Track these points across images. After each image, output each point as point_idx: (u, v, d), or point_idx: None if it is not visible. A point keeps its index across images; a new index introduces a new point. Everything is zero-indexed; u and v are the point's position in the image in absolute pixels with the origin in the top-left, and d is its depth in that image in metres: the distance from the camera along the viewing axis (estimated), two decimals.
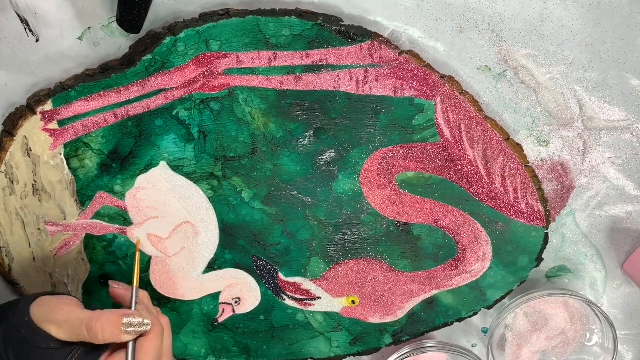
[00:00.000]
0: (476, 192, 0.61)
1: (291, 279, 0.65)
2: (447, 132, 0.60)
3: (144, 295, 0.54)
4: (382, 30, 0.58)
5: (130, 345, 0.50)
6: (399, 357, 0.66)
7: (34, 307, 0.50)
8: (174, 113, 0.59)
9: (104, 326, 0.48)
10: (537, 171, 0.62)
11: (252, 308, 0.66)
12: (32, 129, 0.59)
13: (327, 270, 0.64)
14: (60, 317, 0.49)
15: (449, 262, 0.64)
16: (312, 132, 0.60)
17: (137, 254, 0.55)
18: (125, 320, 0.49)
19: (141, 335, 0.50)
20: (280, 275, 0.65)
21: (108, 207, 0.62)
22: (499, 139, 0.60)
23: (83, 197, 0.61)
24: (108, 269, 0.64)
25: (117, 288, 0.53)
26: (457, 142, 0.60)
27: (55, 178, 0.60)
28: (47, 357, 0.49)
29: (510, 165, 0.60)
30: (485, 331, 0.70)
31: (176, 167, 0.61)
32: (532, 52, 0.59)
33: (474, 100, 0.59)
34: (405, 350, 0.66)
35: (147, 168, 0.61)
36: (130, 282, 0.54)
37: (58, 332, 0.49)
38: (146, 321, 0.49)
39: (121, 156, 0.60)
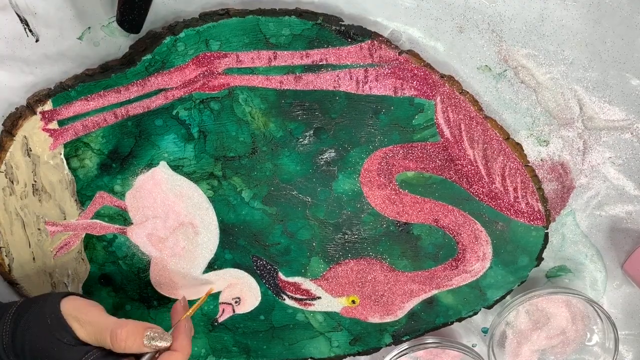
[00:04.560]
0: (476, 191, 0.61)
1: (291, 279, 0.65)
2: (447, 132, 0.60)
3: (190, 327, 0.56)
4: (382, 30, 0.58)
5: (147, 357, 0.51)
6: (398, 352, 0.66)
7: (64, 301, 0.53)
8: (174, 113, 0.59)
9: (128, 335, 0.50)
10: (537, 171, 0.62)
11: (252, 308, 0.66)
12: (32, 128, 0.59)
13: (327, 270, 0.64)
14: (86, 318, 0.52)
15: (449, 261, 0.64)
16: (312, 132, 0.60)
17: (204, 297, 0.59)
18: (148, 332, 0.51)
19: (163, 351, 0.52)
20: (280, 275, 0.65)
21: (108, 207, 0.62)
22: (499, 138, 0.60)
23: (83, 197, 0.61)
24: (108, 268, 0.64)
25: (181, 305, 0.56)
26: (457, 141, 0.60)
27: (55, 178, 0.60)
28: (62, 351, 0.51)
29: (510, 165, 0.60)
30: (485, 331, 0.70)
31: (176, 167, 0.61)
32: (532, 52, 0.59)
33: (474, 100, 0.59)
34: (405, 346, 0.67)
35: (147, 168, 0.61)
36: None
37: (80, 331, 0.51)
38: (167, 336, 0.51)
39: (121, 156, 0.60)
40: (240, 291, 0.65)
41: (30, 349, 0.51)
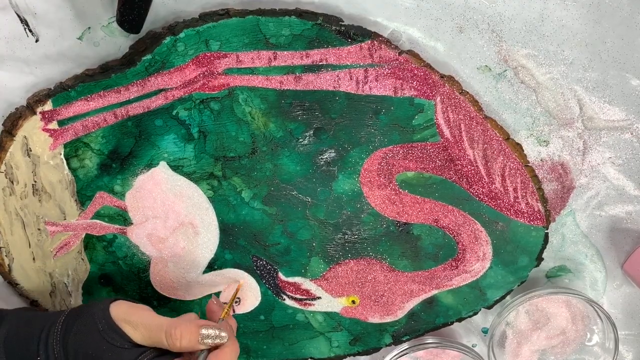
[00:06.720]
0: (476, 191, 0.61)
1: (291, 279, 0.65)
2: (447, 132, 0.60)
3: (233, 322, 0.57)
4: (382, 30, 0.58)
5: (202, 355, 0.51)
6: (398, 352, 0.66)
7: (113, 306, 0.53)
8: (174, 113, 0.59)
9: (183, 334, 0.50)
10: (537, 171, 0.62)
11: (252, 308, 0.66)
12: (32, 129, 0.59)
13: (327, 270, 0.64)
14: (138, 320, 0.52)
15: (449, 261, 0.64)
16: (312, 132, 0.60)
17: (237, 291, 0.59)
18: (203, 330, 0.51)
19: (217, 347, 0.52)
20: (280, 275, 0.65)
21: (108, 207, 0.62)
22: (499, 138, 0.60)
23: (83, 197, 0.61)
24: (108, 269, 0.64)
25: (214, 304, 0.56)
26: (457, 141, 0.60)
27: (55, 178, 0.60)
28: (116, 355, 0.51)
29: (510, 165, 0.60)
30: (485, 331, 0.70)
31: (176, 167, 0.61)
32: (532, 52, 0.59)
33: (474, 100, 0.59)
34: (405, 346, 0.67)
35: (147, 168, 0.61)
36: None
37: (134, 334, 0.51)
38: (223, 334, 0.52)
39: (121, 156, 0.60)
40: (240, 291, 0.65)
41: (84, 356, 0.51)
